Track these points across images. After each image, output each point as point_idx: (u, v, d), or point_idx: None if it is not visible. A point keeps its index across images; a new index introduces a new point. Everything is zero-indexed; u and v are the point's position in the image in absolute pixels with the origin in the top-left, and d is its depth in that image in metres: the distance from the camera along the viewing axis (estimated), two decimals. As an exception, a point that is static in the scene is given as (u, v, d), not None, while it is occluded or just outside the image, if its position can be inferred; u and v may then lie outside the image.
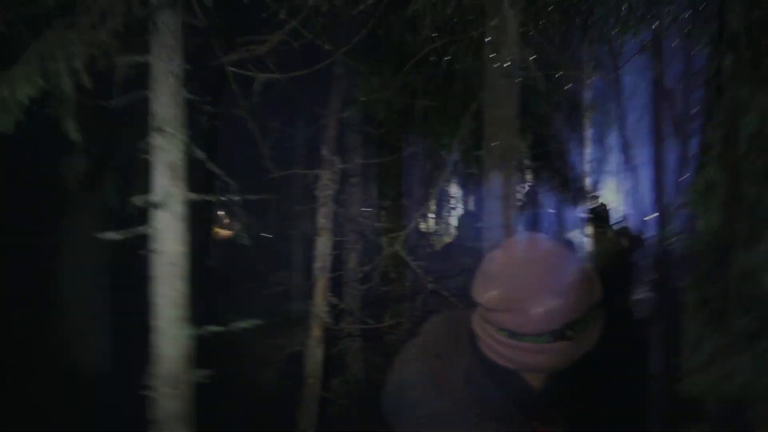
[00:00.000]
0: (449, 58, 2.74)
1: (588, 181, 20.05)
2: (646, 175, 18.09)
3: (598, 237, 12.09)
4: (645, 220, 13.66)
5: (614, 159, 28.25)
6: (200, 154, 3.52)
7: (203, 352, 3.48)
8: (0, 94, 2.11)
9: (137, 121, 4.92)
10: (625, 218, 12.89)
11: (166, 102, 3.16)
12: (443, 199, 23.57)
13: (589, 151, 21.63)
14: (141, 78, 3.44)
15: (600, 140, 25.25)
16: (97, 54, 2.54)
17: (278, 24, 2.75)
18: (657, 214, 12.77)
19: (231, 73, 2.93)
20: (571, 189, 19.11)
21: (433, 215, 23.01)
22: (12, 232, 8.17)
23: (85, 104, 3.07)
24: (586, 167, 20.77)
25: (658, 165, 10.27)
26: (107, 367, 7.98)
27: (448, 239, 22.92)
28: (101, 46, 2.51)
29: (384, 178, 6.62)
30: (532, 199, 19.75)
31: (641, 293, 12.85)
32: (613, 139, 28.06)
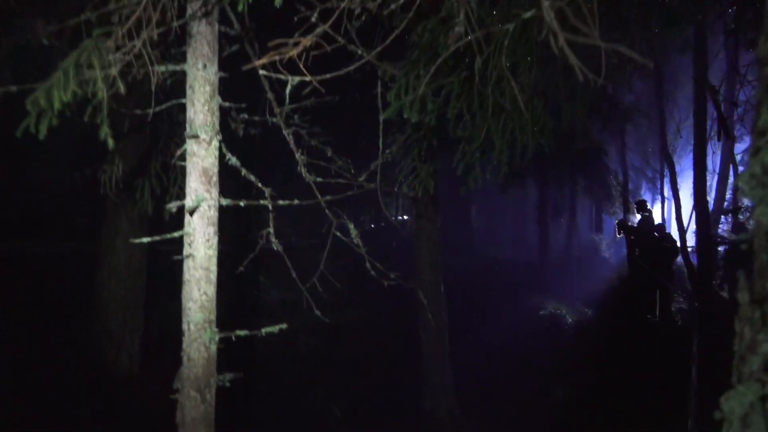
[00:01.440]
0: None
1: (630, 187, 19.79)
2: (687, 180, 17.72)
3: (642, 241, 11.92)
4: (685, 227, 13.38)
5: (655, 165, 27.75)
6: (234, 161, 3.55)
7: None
8: (38, 104, 2.17)
9: (174, 128, 5.04)
10: (663, 224, 12.70)
11: (200, 109, 3.20)
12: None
13: (629, 156, 21.30)
14: (178, 86, 3.50)
15: (642, 145, 24.73)
16: (134, 63, 2.58)
17: (312, 29, 2.74)
18: (697, 220, 12.42)
19: (264, 76, 2.95)
20: (612, 194, 18.77)
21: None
22: (51, 239, 8.43)
23: (121, 112, 3.12)
24: (628, 172, 20.48)
25: (699, 168, 9.99)
26: (140, 370, 8.15)
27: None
28: (137, 56, 2.55)
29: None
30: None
31: (681, 301, 12.58)
32: (654, 144, 27.49)
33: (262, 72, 2.86)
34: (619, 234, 12.35)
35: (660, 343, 10.36)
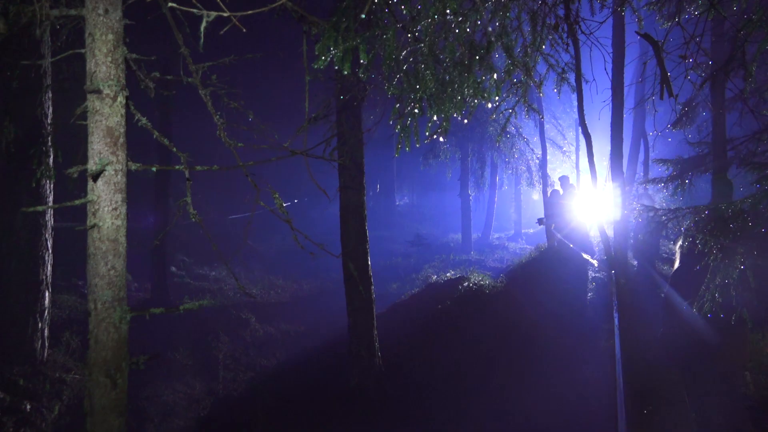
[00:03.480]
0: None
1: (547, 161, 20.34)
2: (598, 153, 18.32)
3: (561, 214, 12.35)
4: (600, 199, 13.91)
5: (572, 139, 28.69)
6: (145, 122, 3.20)
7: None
8: None
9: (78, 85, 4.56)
10: (581, 197, 13.23)
11: (102, 60, 2.83)
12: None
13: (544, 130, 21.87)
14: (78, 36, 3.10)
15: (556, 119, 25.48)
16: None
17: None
18: (616, 193, 12.91)
19: (170, 12, 2.61)
20: (531, 168, 19.23)
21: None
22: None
23: (8, 62, 2.72)
24: (546, 146, 21.03)
25: (615, 140, 10.30)
26: (49, 355, 7.63)
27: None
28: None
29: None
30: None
31: (599, 271, 13.08)
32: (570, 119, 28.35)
33: (171, 4, 2.52)
34: (540, 225, 12.86)
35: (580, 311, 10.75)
